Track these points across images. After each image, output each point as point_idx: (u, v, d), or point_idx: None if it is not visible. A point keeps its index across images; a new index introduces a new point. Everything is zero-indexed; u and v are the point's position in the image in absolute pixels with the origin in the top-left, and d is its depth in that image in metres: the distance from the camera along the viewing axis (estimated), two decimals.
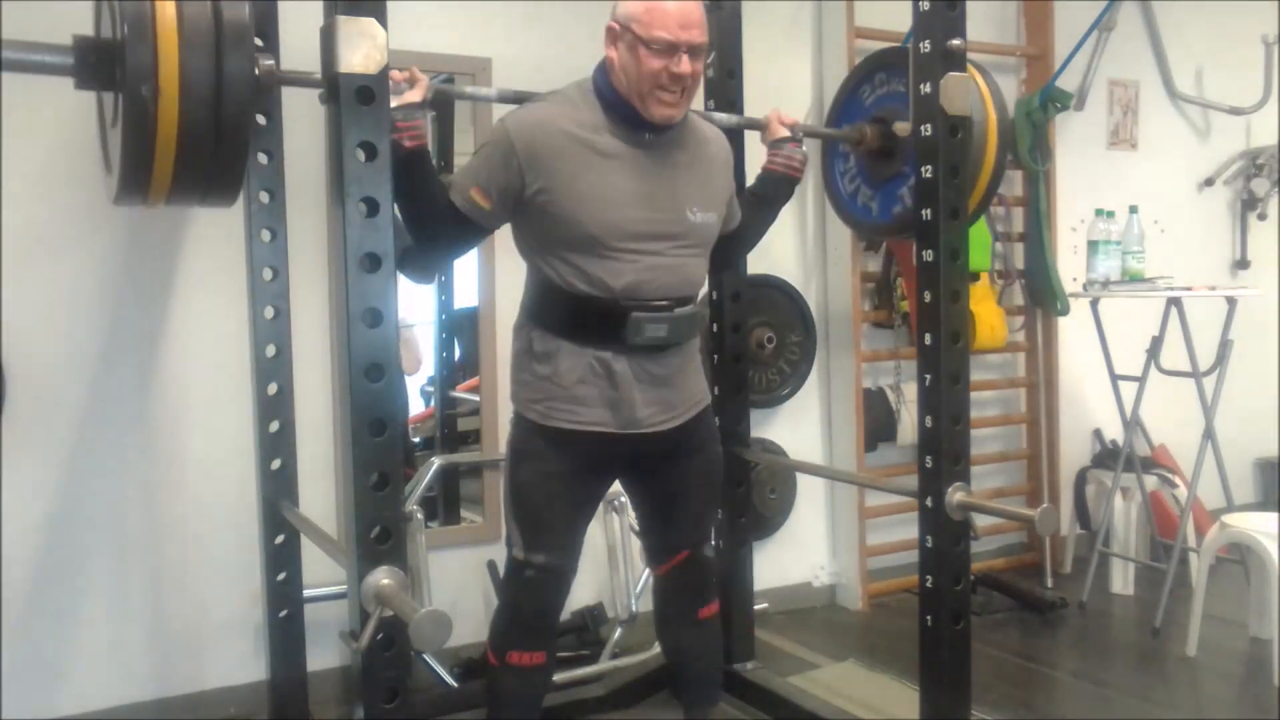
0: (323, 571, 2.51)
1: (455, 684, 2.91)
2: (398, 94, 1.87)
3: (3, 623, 2.57)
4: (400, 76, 1.90)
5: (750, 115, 2.71)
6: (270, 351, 2.44)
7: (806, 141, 2.45)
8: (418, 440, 3.56)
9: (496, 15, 3.11)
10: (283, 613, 2.48)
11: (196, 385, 2.78)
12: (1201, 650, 3.20)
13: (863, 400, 3.69)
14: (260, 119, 2.31)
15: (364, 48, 1.68)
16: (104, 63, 1.69)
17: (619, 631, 3.11)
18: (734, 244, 2.33)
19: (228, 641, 2.82)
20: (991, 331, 3.73)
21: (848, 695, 2.91)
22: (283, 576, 2.47)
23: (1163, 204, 4.40)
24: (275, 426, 2.45)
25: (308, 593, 2.54)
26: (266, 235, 2.41)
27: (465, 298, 3.36)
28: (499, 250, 3.00)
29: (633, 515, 2.39)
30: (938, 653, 2.29)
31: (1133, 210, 3.64)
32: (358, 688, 1.76)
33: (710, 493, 2.28)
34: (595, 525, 3.16)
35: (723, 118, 2.46)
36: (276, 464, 2.45)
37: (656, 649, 2.96)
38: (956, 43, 2.23)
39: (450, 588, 3.07)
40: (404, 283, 1.98)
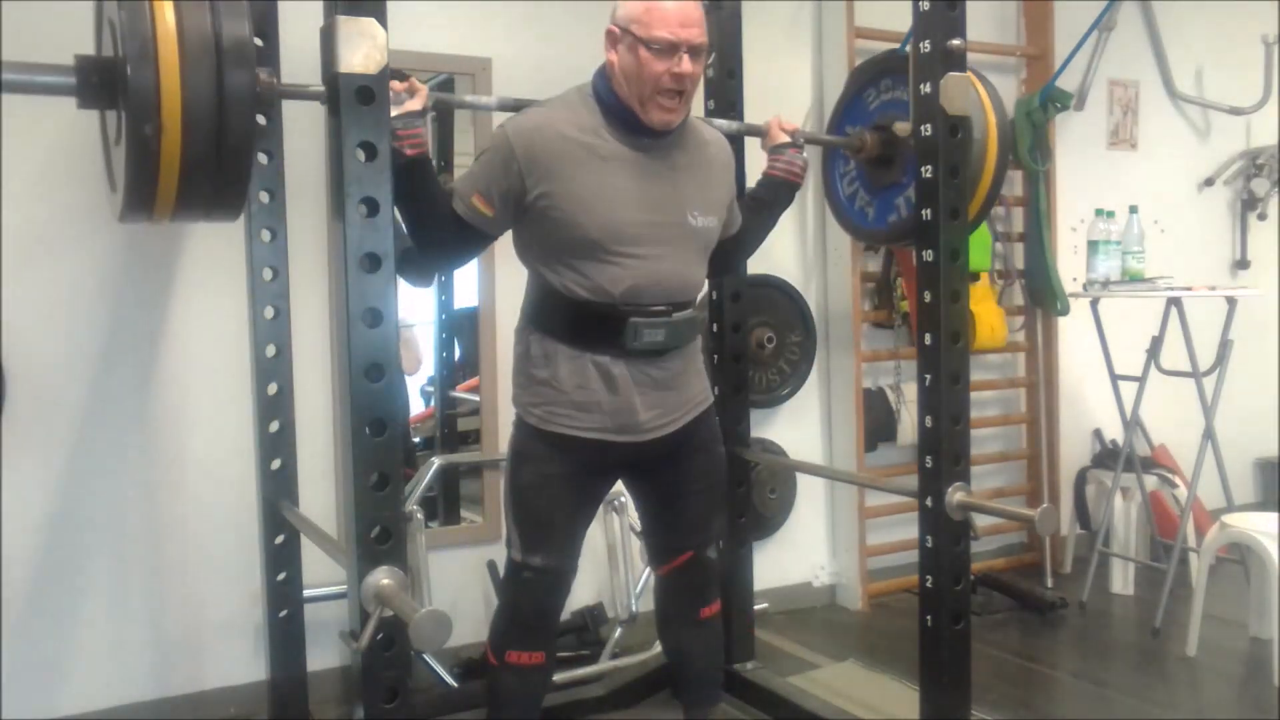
0: (323, 571, 2.51)
1: (455, 684, 2.91)
2: (398, 103, 1.87)
3: (3, 623, 2.57)
4: (400, 86, 1.90)
5: (750, 115, 2.73)
6: (270, 351, 2.44)
7: (807, 146, 2.45)
8: (418, 440, 3.56)
9: (496, 15, 3.11)
10: (283, 613, 2.48)
11: (196, 385, 2.78)
12: (1201, 650, 3.20)
13: (863, 400, 3.69)
14: (260, 119, 2.31)
15: (364, 48, 1.69)
16: (106, 82, 1.69)
17: (619, 631, 3.11)
18: (734, 249, 2.33)
19: (228, 641, 2.82)
20: (991, 331, 3.73)
21: (848, 695, 2.91)
22: (283, 576, 2.48)
23: (1163, 204, 4.40)
24: (275, 426, 2.45)
25: (308, 593, 2.54)
26: (266, 235, 2.41)
27: (465, 298, 3.37)
28: (499, 251, 3.00)
29: (634, 515, 2.39)
30: (938, 653, 2.29)
31: (1133, 210, 3.64)
32: (358, 688, 1.76)
33: (714, 495, 2.27)
34: (595, 525, 3.15)
35: (723, 124, 2.45)
36: (276, 464, 2.46)
37: (656, 649, 2.96)
38: (956, 43, 2.23)
39: (450, 588, 3.07)
40: (404, 283, 1.98)
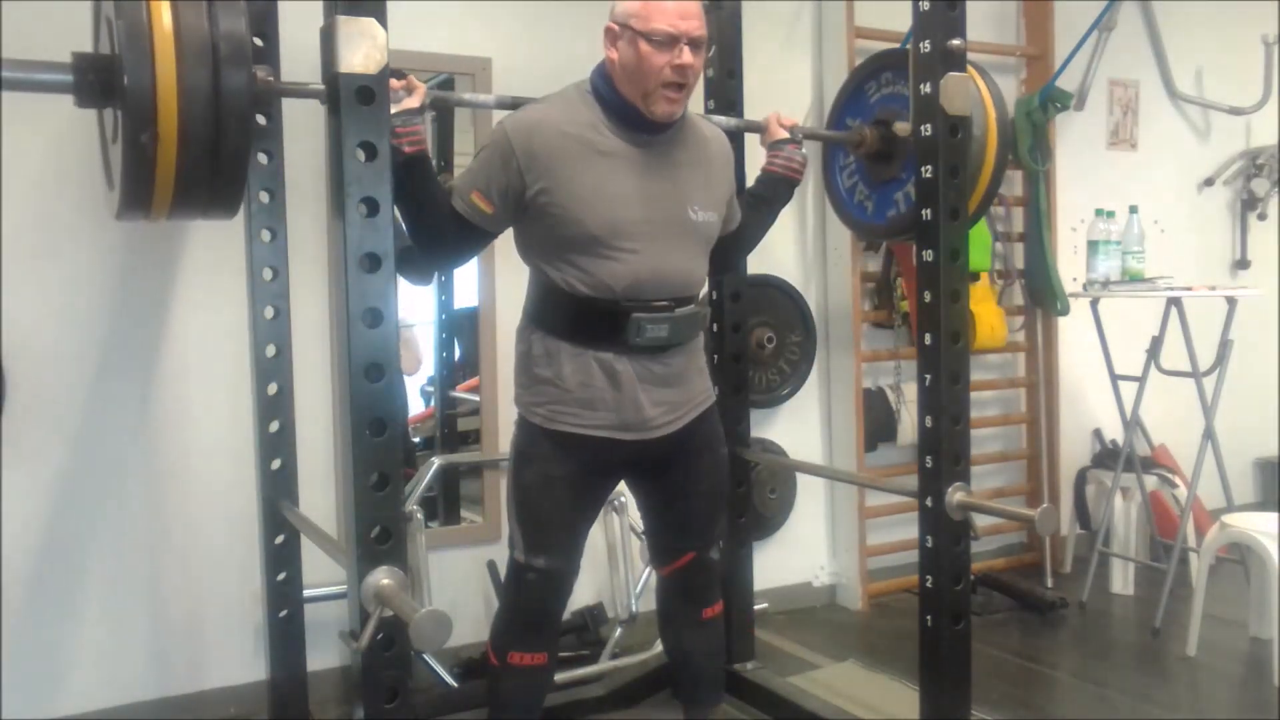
0: (323, 571, 2.51)
1: (455, 684, 2.91)
2: (395, 101, 1.87)
3: (3, 623, 2.57)
4: (398, 84, 1.90)
5: (750, 115, 2.72)
6: (270, 351, 2.44)
7: (807, 142, 2.45)
8: (418, 440, 3.56)
9: (496, 15, 3.11)
10: (283, 613, 2.48)
11: (196, 385, 2.77)
12: (1201, 650, 3.20)
13: (863, 400, 3.69)
14: (260, 119, 2.31)
15: (364, 48, 1.68)
16: (103, 80, 1.69)
17: (619, 631, 3.11)
18: (734, 245, 2.33)
19: (228, 641, 2.82)
20: (991, 331, 3.73)
21: (848, 695, 2.91)
22: (283, 576, 2.47)
23: (1163, 204, 4.40)
24: (275, 426, 2.45)
25: (308, 593, 2.54)
26: (266, 235, 2.41)
27: (465, 298, 3.36)
28: (499, 250, 3.00)
29: (635, 515, 2.38)
30: (938, 653, 2.29)
31: (1133, 210, 3.64)
32: (358, 688, 1.76)
33: (717, 496, 2.27)
34: (596, 525, 3.15)
35: (722, 120, 2.45)
36: (276, 464, 2.45)
37: (657, 649, 2.96)
38: (956, 43, 2.23)
39: (450, 588, 3.06)
40: (403, 283, 1.98)
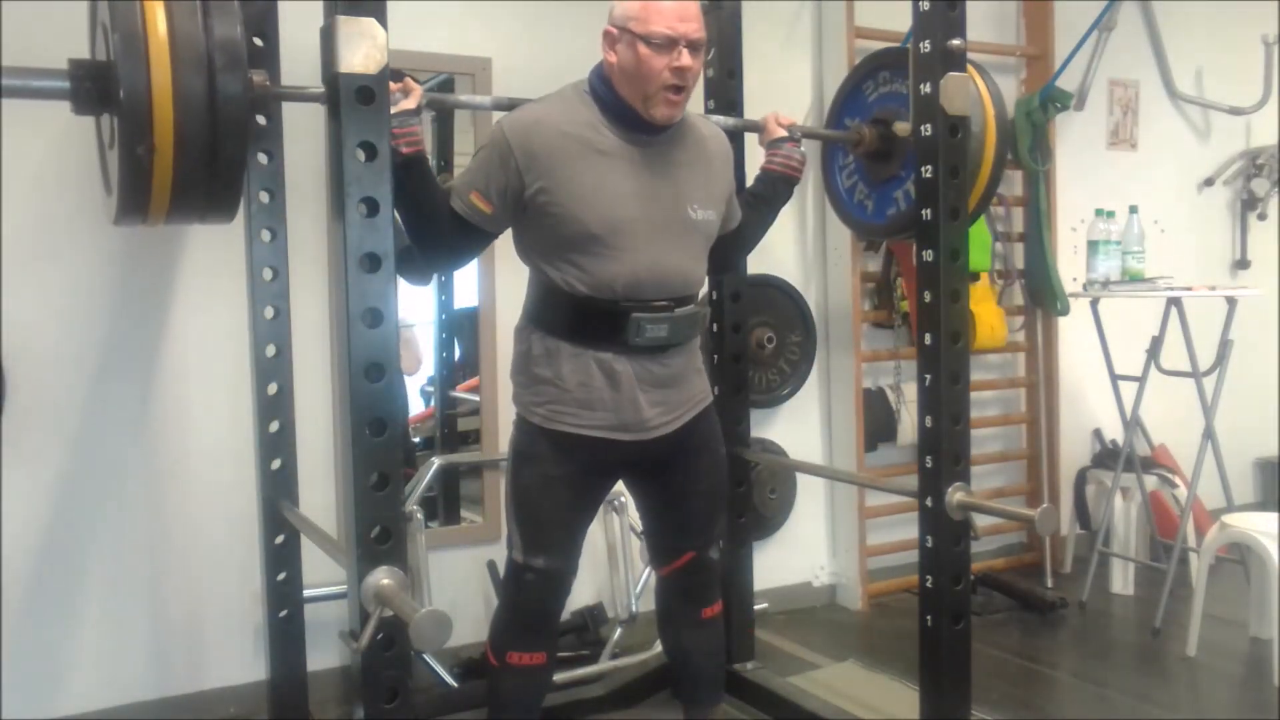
0: (323, 571, 2.51)
1: (455, 684, 2.91)
2: (393, 103, 1.86)
3: (3, 623, 2.57)
4: (395, 87, 1.89)
5: (750, 115, 2.72)
6: (270, 351, 2.44)
7: (806, 140, 2.45)
8: (418, 440, 3.56)
9: (496, 15, 3.11)
10: (283, 613, 2.48)
11: (196, 385, 2.77)
12: (1201, 650, 3.20)
13: (863, 400, 3.69)
14: (260, 119, 2.31)
15: (364, 48, 1.69)
16: (99, 87, 1.69)
17: (619, 631, 3.11)
18: (733, 245, 2.33)
19: (228, 641, 2.82)
20: (991, 331, 3.73)
21: (848, 695, 2.90)
22: (283, 576, 2.47)
23: (1163, 204, 4.40)
24: (275, 426, 2.45)
25: (308, 593, 2.54)
26: (266, 235, 2.41)
27: (465, 298, 3.36)
28: (499, 250, 3.00)
29: (634, 515, 2.38)
30: (938, 653, 2.29)
31: (1133, 210, 3.64)
32: (358, 688, 1.76)
33: (716, 495, 2.27)
34: (595, 525, 3.15)
35: (721, 119, 2.45)
36: (276, 464, 2.45)
37: (656, 649, 2.96)
38: (956, 43, 2.23)
39: (450, 588, 3.07)
40: (403, 283, 1.98)
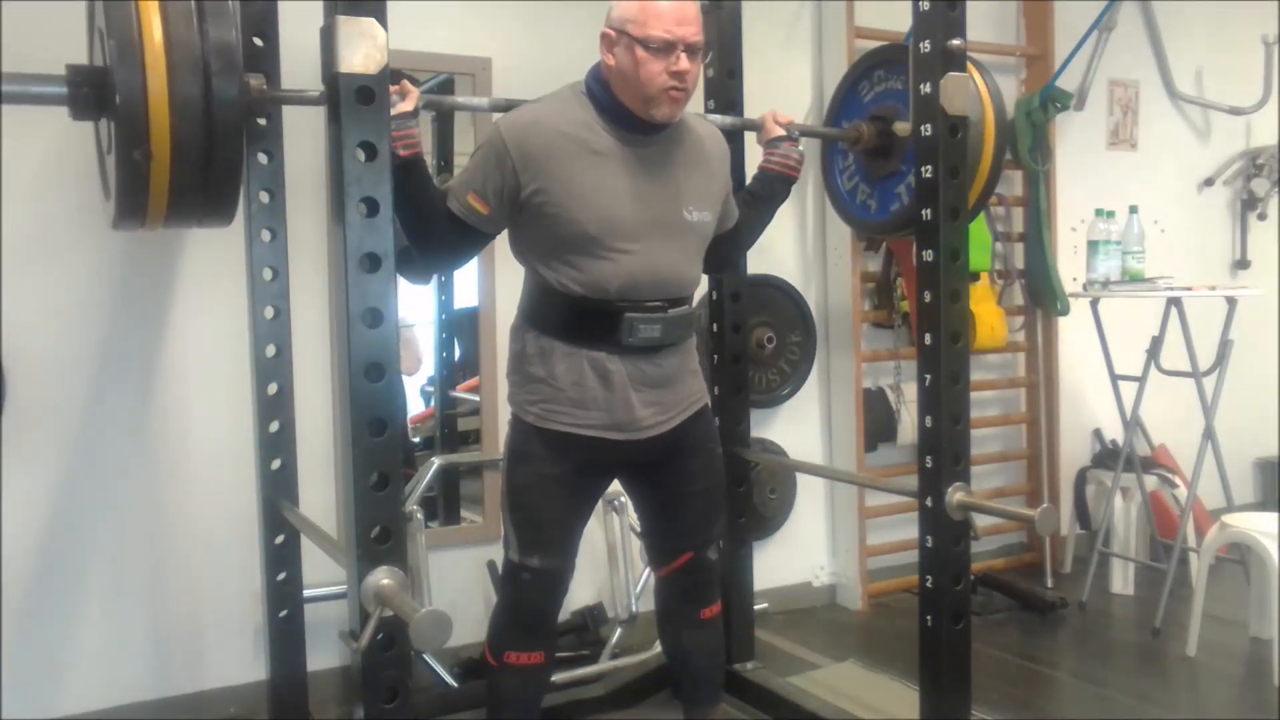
0: (323, 571, 2.50)
1: (455, 684, 2.91)
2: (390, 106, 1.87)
3: (2, 623, 2.57)
4: (391, 89, 1.89)
5: (750, 115, 2.72)
6: (270, 351, 2.44)
7: (806, 141, 2.44)
8: (418, 440, 3.56)
9: (496, 15, 3.11)
10: (283, 613, 2.48)
11: (196, 385, 2.77)
12: (1201, 650, 3.20)
13: (863, 400, 3.69)
14: (260, 120, 2.31)
15: (364, 48, 1.69)
16: (97, 93, 1.70)
17: (619, 631, 3.11)
18: (730, 244, 2.32)
19: (228, 641, 2.82)
20: (991, 331, 3.73)
21: (848, 695, 2.90)
22: (283, 576, 2.47)
23: (1163, 204, 4.40)
24: (275, 426, 2.45)
25: (308, 593, 2.54)
26: (266, 235, 2.41)
27: (465, 298, 3.36)
28: (499, 250, 3.00)
29: (634, 515, 2.38)
30: (938, 653, 2.29)
31: (1133, 210, 3.64)
32: (358, 688, 1.76)
33: (712, 495, 2.26)
34: (595, 525, 3.17)
35: (719, 119, 2.46)
36: (276, 464, 2.45)
37: (656, 649, 2.96)
38: (956, 43, 2.23)
39: (450, 588, 3.07)
40: (403, 283, 1.98)
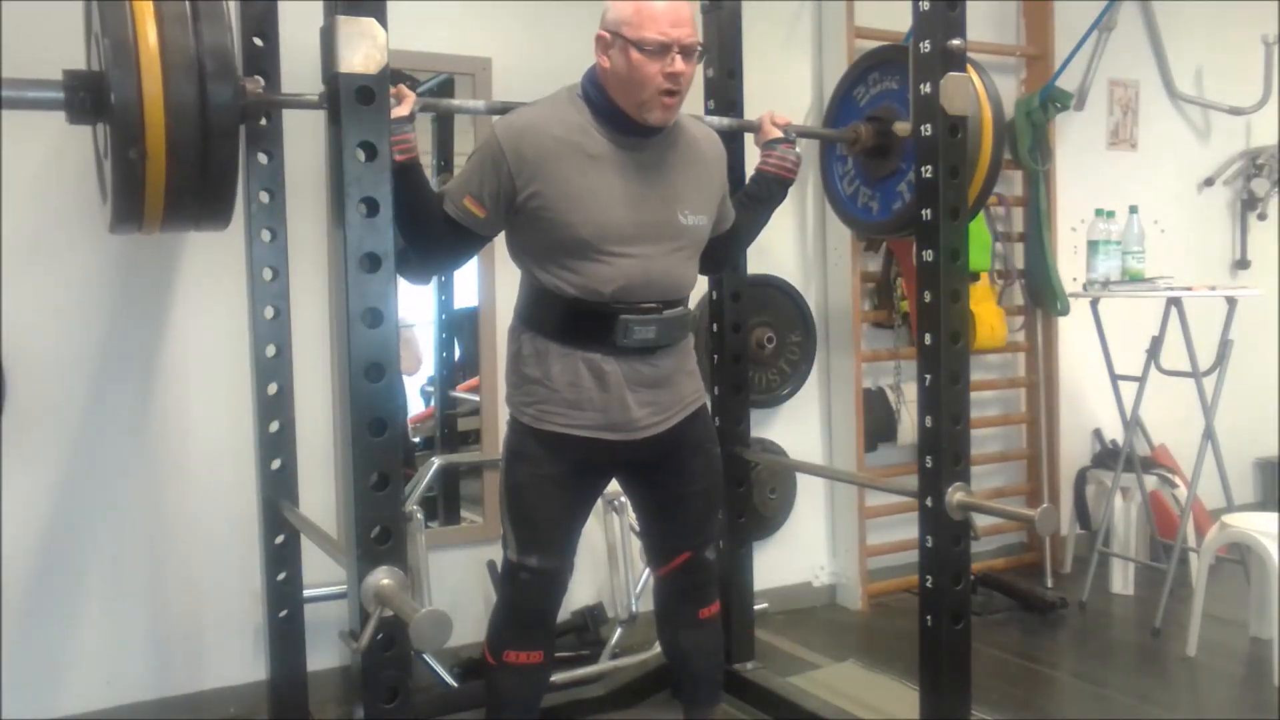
0: (323, 571, 2.51)
1: (455, 684, 2.91)
2: None
3: (2, 623, 2.57)
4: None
5: (750, 116, 2.72)
6: (270, 351, 2.44)
7: (804, 142, 2.44)
8: (418, 440, 3.56)
9: (496, 15, 3.11)
10: (283, 613, 2.48)
11: (196, 385, 2.77)
12: (1201, 650, 3.20)
13: (863, 400, 3.69)
14: (260, 120, 2.31)
15: (364, 48, 1.68)
16: (93, 97, 1.70)
17: (619, 631, 3.11)
18: (727, 245, 2.33)
19: (228, 641, 2.82)
20: (991, 331, 3.73)
21: (848, 695, 2.90)
22: (283, 576, 2.47)
23: (1163, 204, 4.40)
24: (275, 426, 2.45)
25: (308, 593, 2.54)
26: (266, 235, 2.41)
27: (465, 298, 3.37)
28: (499, 251, 3.00)
29: (633, 515, 2.39)
30: (938, 653, 2.28)
31: (1133, 210, 3.64)
32: (358, 688, 1.76)
33: (710, 496, 2.27)
34: (595, 525, 3.17)
35: (715, 120, 2.46)
36: (276, 464, 2.45)
37: (656, 649, 2.96)
38: (956, 43, 2.23)
39: (450, 588, 3.06)
40: (403, 283, 1.98)
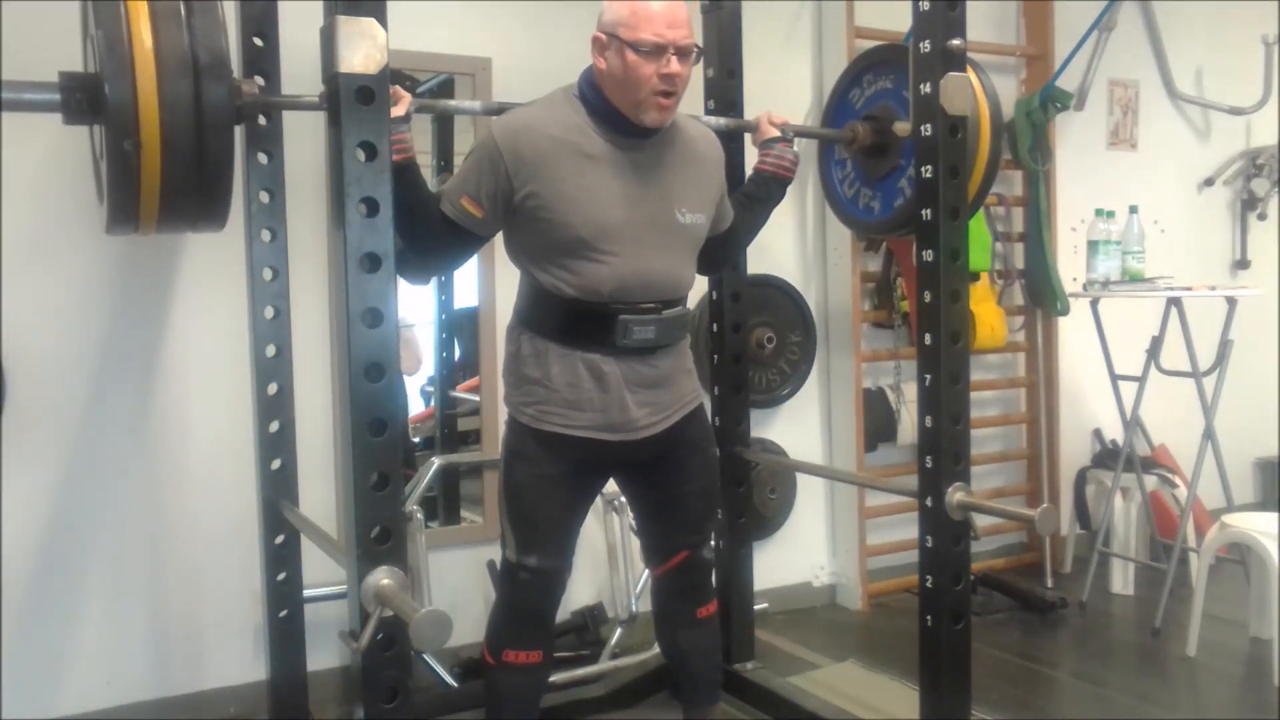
0: (323, 571, 2.51)
1: (455, 684, 2.91)
2: None
3: (2, 623, 2.57)
4: None
5: (750, 116, 2.72)
6: (270, 351, 2.44)
7: (803, 142, 2.44)
8: (418, 440, 3.56)
9: (496, 15, 3.11)
10: (283, 613, 2.48)
11: (196, 385, 2.77)
12: (1201, 650, 3.20)
13: (863, 400, 3.69)
14: (261, 119, 2.31)
15: (364, 48, 1.68)
16: (89, 98, 1.70)
17: (619, 631, 3.11)
18: (726, 244, 2.33)
19: (228, 641, 2.82)
20: (991, 331, 3.73)
21: (848, 695, 2.90)
22: (283, 576, 2.47)
23: (1163, 204, 4.40)
24: (275, 426, 2.45)
25: (308, 593, 2.54)
26: (266, 235, 2.41)
27: (465, 298, 3.37)
28: (499, 250, 3.00)
29: (632, 515, 2.39)
30: (938, 653, 2.29)
31: (1133, 210, 3.64)
32: (358, 688, 1.76)
33: (707, 495, 2.27)
34: (595, 525, 3.18)
35: (713, 120, 2.46)
36: (276, 464, 2.45)
37: (656, 649, 2.95)
38: (956, 43, 2.23)
39: (450, 588, 3.07)
40: (403, 283, 1.98)
